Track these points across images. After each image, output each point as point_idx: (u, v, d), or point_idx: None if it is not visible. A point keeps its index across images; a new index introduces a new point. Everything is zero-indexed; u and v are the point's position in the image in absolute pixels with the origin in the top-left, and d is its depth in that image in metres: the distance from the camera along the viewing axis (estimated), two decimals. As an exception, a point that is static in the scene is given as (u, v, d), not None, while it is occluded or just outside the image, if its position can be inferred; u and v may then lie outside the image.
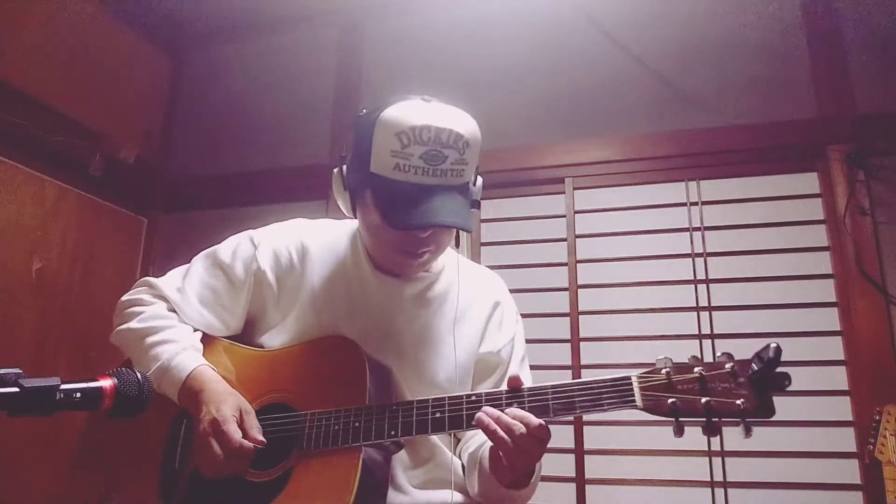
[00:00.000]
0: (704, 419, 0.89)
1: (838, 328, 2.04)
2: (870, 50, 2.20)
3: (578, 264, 2.31)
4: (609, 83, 2.44)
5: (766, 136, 2.22)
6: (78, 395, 0.75)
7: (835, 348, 2.03)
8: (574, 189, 2.39)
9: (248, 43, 2.94)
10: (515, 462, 0.96)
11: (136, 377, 0.81)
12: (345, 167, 1.12)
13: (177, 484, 1.10)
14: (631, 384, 0.93)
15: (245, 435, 1.02)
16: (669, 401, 0.90)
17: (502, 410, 0.96)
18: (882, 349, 1.95)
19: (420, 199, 1.02)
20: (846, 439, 1.96)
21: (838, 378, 2.00)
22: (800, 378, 2.00)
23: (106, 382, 0.78)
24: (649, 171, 2.33)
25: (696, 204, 2.26)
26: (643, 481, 2.05)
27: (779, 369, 0.87)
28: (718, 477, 2.00)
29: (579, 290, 2.29)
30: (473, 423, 0.97)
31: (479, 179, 1.15)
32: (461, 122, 1.04)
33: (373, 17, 2.78)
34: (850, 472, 1.93)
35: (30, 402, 0.70)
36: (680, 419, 0.90)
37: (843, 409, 1.98)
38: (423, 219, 1.01)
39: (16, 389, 0.70)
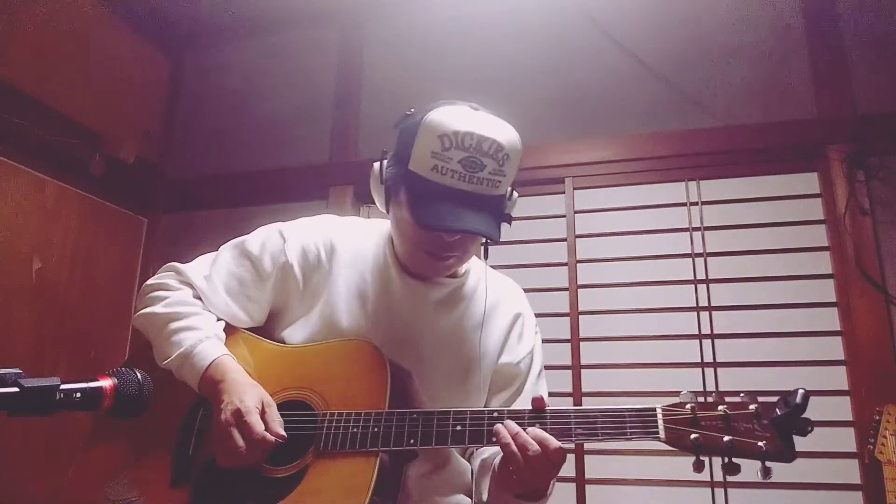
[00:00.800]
0: (725, 457, 0.89)
1: (838, 328, 2.04)
2: (870, 50, 2.20)
3: (578, 264, 2.31)
4: (609, 83, 2.44)
5: (766, 136, 2.22)
6: (78, 395, 0.74)
7: (835, 348, 2.03)
8: (574, 189, 2.39)
9: (248, 43, 2.95)
10: (525, 478, 0.96)
11: (136, 377, 0.81)
12: (385, 162, 1.13)
13: (190, 470, 1.10)
14: (655, 416, 0.94)
15: (266, 427, 1.02)
16: (692, 436, 0.91)
17: (524, 429, 0.96)
18: (882, 349, 1.95)
19: (452, 203, 1.02)
20: (846, 439, 1.96)
21: (838, 378, 2.00)
22: (800, 378, 2.01)
23: (106, 382, 0.78)
24: (649, 171, 2.33)
25: (696, 204, 2.26)
26: (643, 481, 2.05)
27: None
28: (718, 477, 2.00)
29: (579, 290, 2.29)
30: (493, 439, 0.97)
31: (515, 194, 1.15)
32: (504, 133, 1.05)
33: (373, 17, 2.78)
34: (850, 472, 1.93)
35: (30, 402, 0.70)
36: (701, 455, 0.91)
37: (843, 409, 1.98)
38: (452, 222, 1.02)
39: (16, 389, 0.70)
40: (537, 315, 2.23)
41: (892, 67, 2.16)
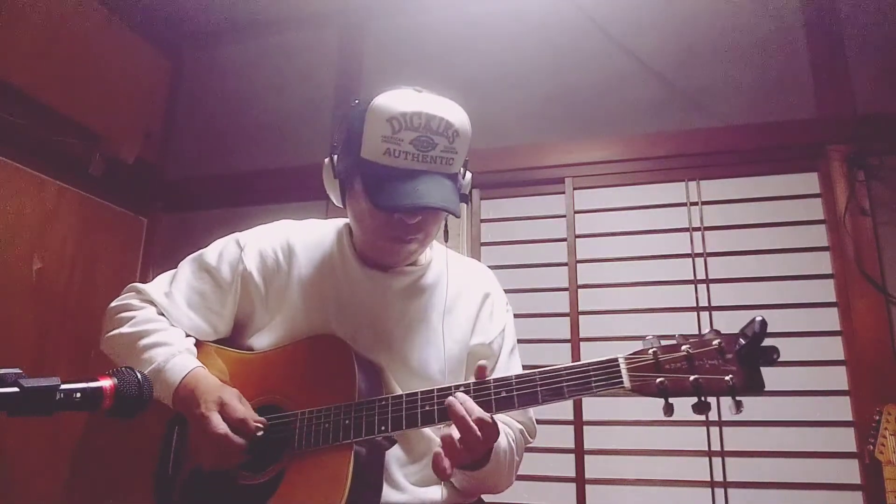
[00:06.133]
0: (694, 397, 0.89)
1: (838, 328, 2.04)
2: (870, 50, 2.20)
3: (578, 264, 2.31)
4: (609, 83, 2.44)
5: (766, 136, 2.22)
6: (78, 395, 0.74)
7: (835, 348, 2.03)
8: (574, 189, 2.39)
9: (248, 43, 2.95)
10: (472, 450, 0.98)
11: (136, 377, 0.81)
12: (335, 156, 1.13)
13: (172, 490, 1.10)
14: (618, 365, 0.94)
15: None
16: (657, 381, 0.90)
17: (491, 399, 0.97)
18: (882, 349, 1.95)
19: (409, 183, 1.02)
20: (846, 439, 1.96)
21: (838, 378, 2.00)
22: (800, 378, 2.01)
23: (106, 382, 0.78)
24: (649, 171, 2.33)
25: (696, 204, 2.26)
26: (643, 481, 2.05)
27: (766, 342, 0.86)
28: (718, 477, 2.00)
29: (579, 290, 2.29)
30: (444, 404, 0.98)
31: (469, 174, 1.15)
32: (452, 111, 1.05)
33: (373, 17, 2.78)
34: (850, 472, 1.93)
35: (30, 402, 0.70)
36: (669, 398, 0.90)
37: (843, 409, 1.98)
38: (412, 200, 1.02)
39: (16, 389, 0.70)
40: (537, 315, 2.27)
41: (892, 67, 2.16)
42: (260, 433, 1.04)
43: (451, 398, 0.97)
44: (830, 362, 2.02)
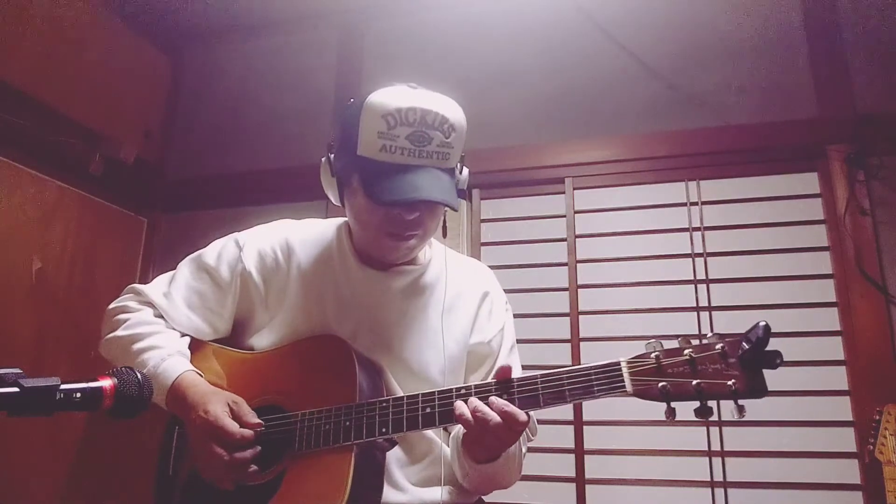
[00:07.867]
0: (696, 402, 0.89)
1: (838, 328, 2.04)
2: (870, 50, 2.20)
3: (578, 264, 2.31)
4: (609, 83, 2.44)
5: (766, 136, 2.22)
6: (78, 395, 0.74)
7: (835, 348, 2.03)
8: (574, 189, 2.39)
9: (249, 43, 2.95)
10: (488, 448, 0.99)
11: (136, 377, 0.81)
12: (332, 155, 1.13)
13: (172, 491, 1.10)
14: (620, 370, 0.93)
15: (241, 423, 1.03)
16: (660, 385, 0.90)
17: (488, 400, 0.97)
18: (882, 349, 1.95)
19: (406, 178, 1.02)
20: (846, 439, 1.96)
21: (838, 378, 2.00)
22: (800, 378, 2.02)
23: (106, 382, 0.78)
24: (649, 171, 2.33)
25: (696, 204, 2.26)
26: (643, 481, 2.05)
27: (769, 347, 0.85)
28: (718, 477, 2.00)
29: (579, 290, 2.29)
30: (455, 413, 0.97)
31: (465, 170, 1.15)
32: (447, 106, 1.06)
33: (373, 16, 2.78)
34: (850, 472, 1.93)
35: (30, 402, 0.70)
36: (671, 403, 0.90)
37: (843, 409, 1.98)
38: (410, 194, 1.02)
39: (16, 389, 0.70)
40: (537, 315, 2.27)
41: (892, 67, 2.16)
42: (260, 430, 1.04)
43: (457, 402, 0.97)
44: (830, 362, 2.02)
